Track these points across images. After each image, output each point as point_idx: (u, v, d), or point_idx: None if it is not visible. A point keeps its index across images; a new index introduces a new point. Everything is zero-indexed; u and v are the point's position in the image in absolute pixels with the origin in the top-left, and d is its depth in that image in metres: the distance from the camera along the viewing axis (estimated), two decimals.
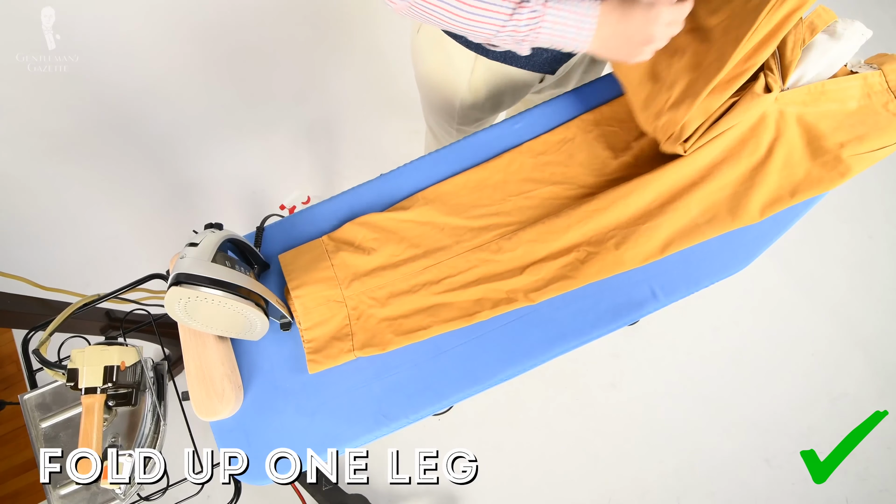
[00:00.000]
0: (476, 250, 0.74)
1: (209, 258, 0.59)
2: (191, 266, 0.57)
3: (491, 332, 0.72)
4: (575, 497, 1.38)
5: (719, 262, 0.73)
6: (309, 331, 0.71)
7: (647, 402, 1.45)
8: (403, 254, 0.75)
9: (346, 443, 0.69)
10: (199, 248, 0.59)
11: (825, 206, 0.76)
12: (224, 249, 0.64)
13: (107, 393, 0.68)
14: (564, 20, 0.60)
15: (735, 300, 1.52)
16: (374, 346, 0.70)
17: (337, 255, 0.74)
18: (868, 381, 1.45)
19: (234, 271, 0.61)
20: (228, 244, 0.67)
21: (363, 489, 1.33)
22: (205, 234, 0.60)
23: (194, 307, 0.59)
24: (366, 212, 0.79)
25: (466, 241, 0.74)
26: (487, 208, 0.76)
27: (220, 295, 0.58)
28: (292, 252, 0.76)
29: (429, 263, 0.73)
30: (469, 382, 0.70)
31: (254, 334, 0.68)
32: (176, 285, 0.56)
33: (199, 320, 0.62)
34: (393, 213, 0.77)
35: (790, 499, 1.36)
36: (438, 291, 0.72)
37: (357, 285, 0.73)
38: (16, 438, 1.45)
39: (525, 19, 0.59)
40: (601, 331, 0.71)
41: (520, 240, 0.73)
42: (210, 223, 0.64)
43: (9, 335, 1.57)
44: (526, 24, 0.60)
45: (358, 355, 0.70)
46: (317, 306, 0.72)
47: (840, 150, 0.70)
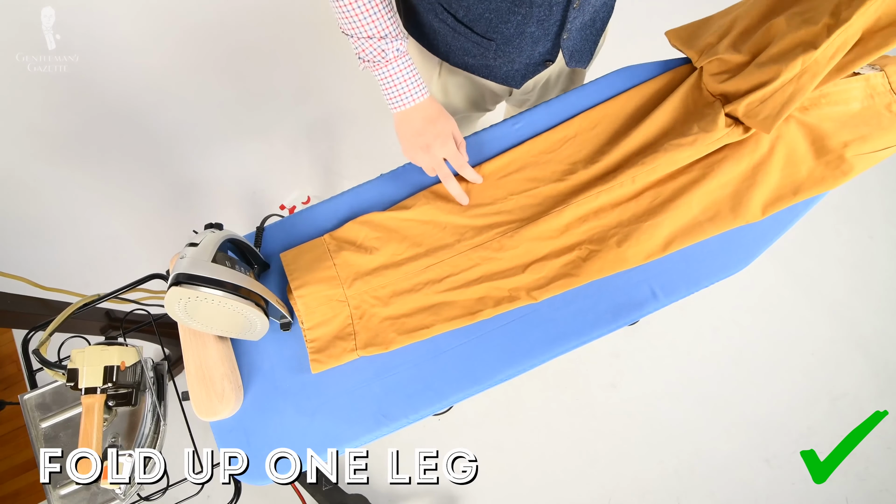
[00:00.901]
0: (478, 248, 0.74)
1: (209, 258, 0.59)
2: (190, 266, 0.57)
3: (491, 332, 0.72)
4: (575, 497, 1.38)
5: (719, 262, 0.73)
6: (311, 330, 0.71)
7: (647, 401, 1.44)
8: (405, 253, 0.75)
9: (346, 443, 0.69)
10: (198, 248, 0.59)
11: (825, 206, 0.77)
12: (224, 249, 0.64)
13: (107, 393, 0.68)
14: (397, 81, 0.71)
15: (735, 300, 1.52)
16: (377, 346, 0.70)
17: (339, 254, 0.74)
18: (868, 381, 1.45)
19: (234, 271, 0.61)
20: (228, 244, 0.67)
21: (363, 489, 1.33)
22: (205, 234, 0.61)
23: (194, 307, 0.59)
24: (366, 211, 0.79)
25: (468, 240, 0.74)
26: (489, 207, 0.76)
27: (220, 295, 0.58)
28: (294, 251, 0.76)
29: (431, 262, 0.73)
30: (469, 382, 0.70)
31: (254, 334, 0.68)
32: (176, 285, 0.56)
33: (200, 320, 0.62)
34: (394, 212, 0.77)
35: (790, 499, 1.36)
36: (441, 290, 0.72)
37: (359, 284, 0.73)
38: (16, 438, 1.45)
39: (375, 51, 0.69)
40: (601, 331, 0.71)
41: (521, 238, 0.73)
42: (210, 223, 0.64)
43: (9, 335, 1.57)
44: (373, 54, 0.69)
45: (361, 354, 0.70)
46: (319, 306, 0.72)
47: (844, 150, 0.70)
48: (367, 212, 0.79)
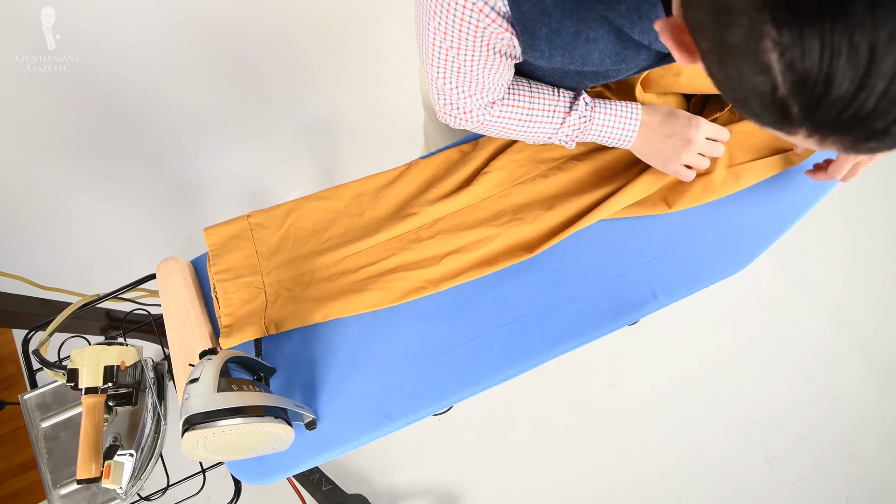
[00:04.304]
0: (394, 240, 0.76)
1: (213, 389, 0.55)
2: (199, 405, 0.53)
3: (491, 332, 0.72)
4: (575, 497, 1.38)
5: (719, 262, 0.73)
6: (228, 316, 0.74)
7: (647, 401, 1.44)
8: (325, 243, 0.77)
9: (346, 443, 0.69)
10: (200, 382, 0.55)
11: (825, 206, 0.77)
12: (226, 374, 0.60)
13: (107, 393, 0.68)
14: (611, 123, 0.67)
15: (735, 300, 1.52)
16: (288, 325, 0.73)
17: (259, 236, 0.77)
18: (868, 381, 1.45)
19: (243, 392, 0.57)
20: (229, 365, 0.64)
21: (363, 489, 1.33)
22: (203, 366, 0.57)
23: (214, 443, 0.55)
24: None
25: (386, 232, 0.76)
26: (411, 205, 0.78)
27: (239, 422, 0.55)
28: (217, 228, 0.79)
29: (348, 252, 0.75)
30: (469, 382, 0.70)
31: (282, 444, 0.64)
32: (189, 430, 0.53)
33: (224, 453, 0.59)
34: (320, 201, 0.79)
35: (790, 499, 1.36)
36: (357, 280, 0.74)
37: (278, 272, 0.75)
38: (16, 438, 1.45)
39: (574, 124, 0.67)
40: (601, 331, 0.71)
41: (437, 229, 0.76)
42: (204, 351, 0.60)
43: (9, 335, 1.57)
44: (574, 128, 0.67)
45: (271, 333, 0.73)
46: (237, 291, 0.75)
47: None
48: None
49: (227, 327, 0.73)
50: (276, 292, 0.75)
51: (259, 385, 0.62)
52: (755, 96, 0.28)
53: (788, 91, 0.26)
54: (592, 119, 0.67)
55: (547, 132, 0.68)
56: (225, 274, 0.76)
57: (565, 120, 0.67)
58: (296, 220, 0.79)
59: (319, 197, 0.80)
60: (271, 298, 0.74)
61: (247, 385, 0.59)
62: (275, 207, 0.80)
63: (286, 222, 0.79)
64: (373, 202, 0.79)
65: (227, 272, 0.76)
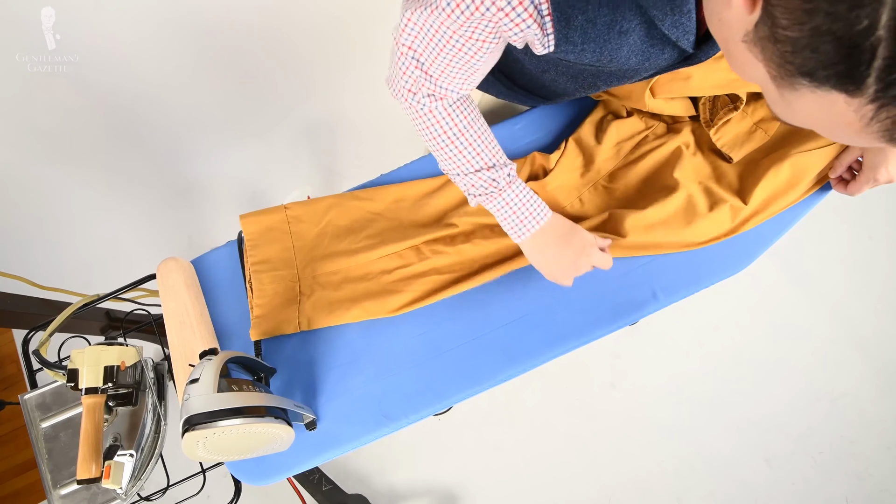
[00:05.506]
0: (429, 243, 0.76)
1: (213, 389, 0.55)
2: (199, 406, 0.54)
3: (491, 332, 0.72)
4: (575, 497, 1.38)
5: (719, 263, 0.73)
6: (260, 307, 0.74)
7: (647, 401, 1.44)
8: (361, 242, 0.77)
9: (346, 443, 0.69)
10: (200, 383, 0.55)
11: (825, 206, 0.76)
12: (226, 374, 0.60)
13: (107, 393, 0.68)
14: (515, 207, 0.65)
15: (735, 300, 1.51)
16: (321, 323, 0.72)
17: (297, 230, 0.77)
18: (868, 382, 1.45)
19: (243, 393, 0.58)
20: (229, 365, 0.64)
21: (363, 489, 1.33)
22: (202, 366, 0.57)
23: (215, 443, 0.56)
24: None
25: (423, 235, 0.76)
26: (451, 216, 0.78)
27: (239, 423, 0.55)
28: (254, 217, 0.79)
29: (383, 253, 0.75)
30: (469, 382, 0.70)
31: (282, 445, 0.64)
32: (189, 430, 0.53)
33: (225, 453, 0.59)
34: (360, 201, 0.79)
35: (790, 499, 1.36)
36: (392, 280, 0.74)
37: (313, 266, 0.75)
38: (16, 438, 1.45)
39: (485, 180, 0.64)
40: (601, 331, 0.71)
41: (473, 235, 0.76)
42: (204, 351, 0.60)
43: (9, 335, 1.57)
44: (483, 184, 0.64)
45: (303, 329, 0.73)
46: (271, 283, 0.75)
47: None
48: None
49: (259, 318, 0.73)
50: (310, 286, 0.75)
51: (259, 385, 0.62)
52: (833, 40, 0.25)
53: (889, 30, 0.24)
54: (502, 192, 0.64)
55: (462, 166, 0.64)
56: (261, 265, 0.75)
57: (482, 170, 0.64)
58: (334, 217, 0.78)
59: (359, 197, 0.79)
60: (306, 293, 0.74)
61: (247, 385, 0.59)
62: (314, 201, 0.80)
63: (325, 219, 0.78)
64: (413, 208, 0.79)
65: (264, 264, 0.76)
